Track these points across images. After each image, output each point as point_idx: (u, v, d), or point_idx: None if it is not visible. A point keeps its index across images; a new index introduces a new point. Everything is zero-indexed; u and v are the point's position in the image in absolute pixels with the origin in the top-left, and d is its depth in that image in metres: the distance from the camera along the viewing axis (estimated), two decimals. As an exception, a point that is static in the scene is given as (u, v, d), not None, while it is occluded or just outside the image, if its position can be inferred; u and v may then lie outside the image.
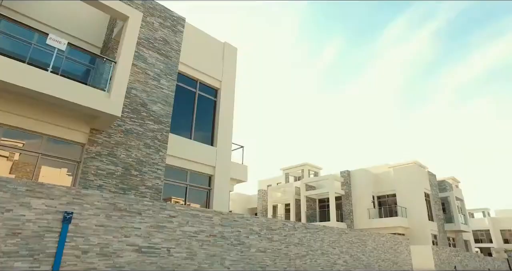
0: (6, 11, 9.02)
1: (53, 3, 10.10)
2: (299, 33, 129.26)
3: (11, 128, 7.77)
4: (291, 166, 39.49)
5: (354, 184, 31.43)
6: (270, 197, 36.13)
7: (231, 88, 13.59)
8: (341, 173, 32.52)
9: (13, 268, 5.08)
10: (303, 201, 32.24)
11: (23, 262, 5.20)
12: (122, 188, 8.79)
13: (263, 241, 9.15)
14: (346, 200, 31.17)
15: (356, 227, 29.48)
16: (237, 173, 13.25)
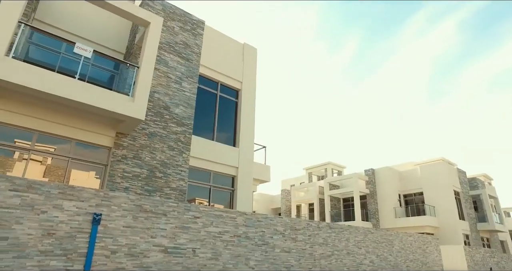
0: (38, 24, 9.45)
1: (78, 13, 10.46)
2: (318, 30, 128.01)
3: (44, 134, 8.13)
4: (314, 165, 39.18)
5: (379, 182, 30.81)
6: (294, 197, 35.98)
7: (251, 89, 13.65)
8: (365, 171, 31.97)
9: (49, 266, 5.33)
10: (327, 200, 31.93)
11: (58, 261, 5.44)
12: (148, 189, 9.01)
13: (288, 241, 9.14)
14: (371, 199, 30.60)
15: (382, 226, 28.90)
16: (260, 173, 13.30)
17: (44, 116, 8.03)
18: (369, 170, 31.70)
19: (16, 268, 5.07)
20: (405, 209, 29.26)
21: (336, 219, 31.08)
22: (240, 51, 13.89)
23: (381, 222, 29.38)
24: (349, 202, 32.00)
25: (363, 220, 29.30)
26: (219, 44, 13.10)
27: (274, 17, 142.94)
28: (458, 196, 28.53)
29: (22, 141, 7.87)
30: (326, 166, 37.97)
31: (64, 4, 10.26)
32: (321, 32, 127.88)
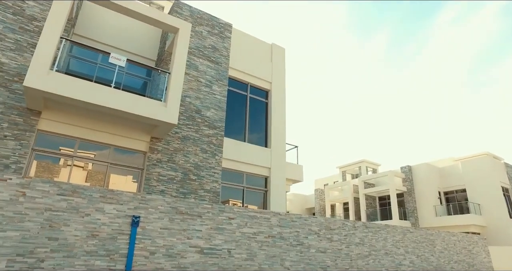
0: (77, 38, 9.98)
1: (112, 24, 10.93)
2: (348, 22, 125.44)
3: (85, 141, 8.58)
4: (347, 164, 38.46)
5: (417, 179, 29.69)
6: (328, 196, 35.50)
7: (281, 89, 13.64)
8: (402, 168, 30.92)
9: (94, 266, 5.62)
10: (362, 199, 31.22)
11: (102, 261, 5.72)
12: (183, 192, 9.24)
13: (323, 241, 9.03)
14: (409, 196, 29.55)
15: (422, 225, 27.81)
16: (293, 173, 13.25)
17: (85, 124, 8.47)
18: (406, 167, 30.64)
19: (66, 267, 5.39)
20: (446, 207, 28.01)
21: (372, 218, 30.31)
22: (268, 52, 13.92)
23: (420, 220, 28.29)
24: (385, 200, 31.10)
25: (400, 219, 28.36)
26: (247, 46, 13.20)
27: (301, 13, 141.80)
28: (507, 193, 26.85)
29: (66, 148, 8.36)
30: (360, 164, 37.15)
31: (99, 17, 10.76)
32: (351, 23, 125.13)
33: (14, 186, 5.46)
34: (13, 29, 8.16)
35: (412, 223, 28.38)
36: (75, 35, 10.04)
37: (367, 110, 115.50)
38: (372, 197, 32.03)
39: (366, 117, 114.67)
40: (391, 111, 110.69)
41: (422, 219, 28.23)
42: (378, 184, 31.77)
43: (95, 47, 9.09)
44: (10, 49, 8.00)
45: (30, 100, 7.47)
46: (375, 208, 31.56)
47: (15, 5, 8.35)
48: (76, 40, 9.07)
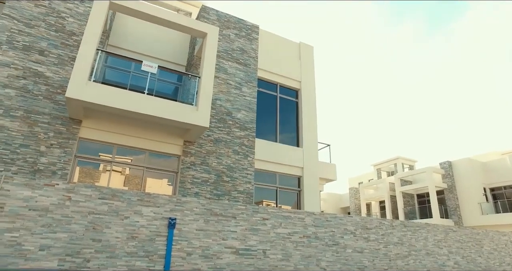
0: (111, 49, 10.45)
1: (143, 33, 11.32)
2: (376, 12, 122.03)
3: (122, 147, 8.95)
4: (382, 161, 37.38)
5: (458, 175, 28.27)
6: (363, 195, 34.69)
7: (311, 87, 13.52)
8: (441, 164, 29.58)
9: (135, 266, 5.86)
10: (399, 197, 30.21)
11: (142, 261, 5.95)
12: (216, 194, 9.40)
13: (359, 241, 8.85)
14: (450, 193, 28.20)
15: (466, 224, 26.45)
16: (326, 172, 13.10)
17: (122, 131, 8.84)
18: (445, 163, 29.28)
19: (109, 267, 5.67)
20: (493, 204, 26.45)
21: (410, 217, 29.25)
22: (297, 51, 13.84)
23: (464, 219, 26.93)
24: (424, 198, 29.90)
25: (442, 217, 27.13)
26: (274, 46, 13.20)
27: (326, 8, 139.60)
28: None
29: (105, 154, 8.78)
30: (396, 161, 35.98)
31: (131, 27, 11.18)
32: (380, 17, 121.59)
33: (61, 190, 5.81)
34: (56, 45, 8.69)
35: (455, 222, 27.08)
36: (110, 46, 10.50)
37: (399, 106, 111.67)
38: (410, 195, 30.90)
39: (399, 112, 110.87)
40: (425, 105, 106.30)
41: (466, 218, 26.86)
42: (415, 181, 30.61)
43: (128, 56, 9.48)
44: (54, 63, 8.52)
45: (72, 110, 7.91)
46: (413, 206, 30.42)
47: (57, 23, 8.89)
48: (110, 51, 9.50)
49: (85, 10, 9.36)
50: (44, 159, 7.70)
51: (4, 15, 8.33)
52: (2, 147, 7.42)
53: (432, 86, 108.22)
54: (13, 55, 8.16)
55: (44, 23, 8.76)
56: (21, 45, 8.32)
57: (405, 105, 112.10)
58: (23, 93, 7.99)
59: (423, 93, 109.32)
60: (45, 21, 8.79)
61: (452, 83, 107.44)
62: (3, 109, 7.68)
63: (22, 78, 8.09)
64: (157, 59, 11.21)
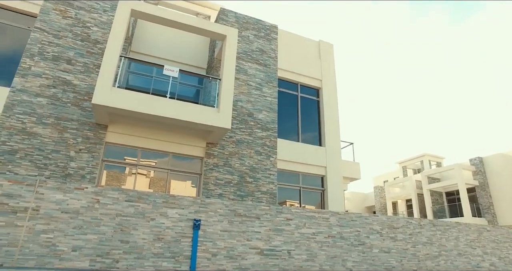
0: (134, 55, 10.73)
1: (163, 38, 11.56)
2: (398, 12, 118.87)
3: (146, 150, 9.18)
4: (408, 158, 36.38)
5: (491, 172, 27.11)
6: (388, 193, 33.90)
7: (332, 85, 13.37)
8: (471, 160, 28.48)
9: (162, 267, 6.00)
10: (426, 195, 29.32)
11: (168, 262, 6.09)
12: (240, 194, 9.46)
13: (386, 241, 8.68)
14: (482, 191, 27.10)
15: (501, 223, 25.32)
16: (349, 171, 12.91)
17: (146, 134, 9.07)
18: (476, 159, 28.16)
19: (138, 267, 5.83)
20: (530, 201, 25.21)
21: (439, 216, 28.33)
22: (316, 49, 13.72)
23: (499, 218, 25.78)
24: (453, 196, 28.87)
25: (474, 216, 26.11)
26: (294, 45, 13.15)
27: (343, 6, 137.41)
28: None
29: (130, 157, 9.03)
30: (422, 158, 34.93)
31: (152, 33, 11.44)
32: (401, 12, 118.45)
33: (90, 194, 6.03)
34: (82, 54, 9.04)
35: (489, 221, 25.99)
36: (132, 52, 10.79)
37: (424, 102, 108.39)
38: (438, 193, 29.93)
39: (423, 108, 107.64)
40: (450, 100, 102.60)
41: (501, 216, 25.70)
42: (444, 179, 29.63)
43: (150, 61, 9.74)
44: (80, 71, 8.86)
45: (98, 116, 8.19)
46: (442, 204, 29.45)
47: (83, 33, 9.24)
48: (133, 57, 9.76)
49: (108, 19, 9.66)
50: (74, 164, 8.01)
51: (36, 29, 8.78)
52: (36, 152, 7.77)
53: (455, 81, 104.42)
54: (44, 66, 8.55)
55: (71, 34, 9.12)
56: (50, 56, 8.70)
57: (426, 101, 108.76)
58: (53, 101, 8.35)
59: (446, 89, 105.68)
60: (71, 31, 9.14)
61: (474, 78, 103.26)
62: (36, 117, 8.06)
63: (52, 87, 8.46)
64: (178, 63, 11.41)
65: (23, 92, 8.18)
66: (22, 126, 7.90)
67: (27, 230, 5.49)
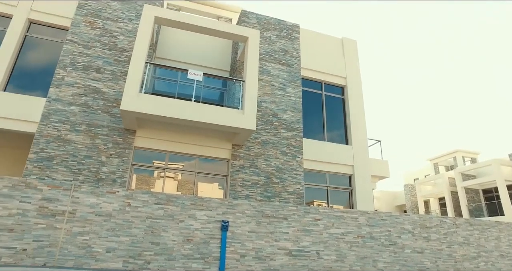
0: (158, 60, 11.01)
1: (187, 43, 11.77)
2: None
3: (173, 154, 9.38)
4: (439, 155, 35.02)
5: (532, 167, 25.63)
6: (419, 191, 32.77)
7: (357, 83, 13.12)
8: (510, 156, 27.03)
9: (191, 268, 6.12)
10: (461, 193, 28.09)
11: (198, 263, 6.19)
12: (267, 195, 9.47)
13: (419, 241, 8.42)
14: (524, 188, 25.64)
15: (545, 220, 23.91)
16: (378, 169, 12.62)
17: (172, 138, 9.27)
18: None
19: (168, 268, 5.98)
20: None
21: (476, 214, 27.08)
22: (339, 47, 13.52)
23: (544, 215, 24.34)
24: (491, 193, 27.51)
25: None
26: (317, 44, 13.02)
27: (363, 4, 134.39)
28: None
29: (158, 161, 9.25)
30: (455, 154, 33.51)
31: (175, 38, 11.69)
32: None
33: (121, 197, 6.24)
34: (110, 62, 9.39)
35: (531, 218, 24.60)
36: (157, 58, 11.06)
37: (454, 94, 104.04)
38: (474, 190, 28.63)
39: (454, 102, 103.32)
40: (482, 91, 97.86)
41: (545, 214, 24.27)
42: (480, 175, 28.30)
43: (174, 66, 9.96)
44: (109, 79, 9.20)
45: (126, 122, 8.46)
46: (479, 202, 28.15)
47: (110, 42, 9.61)
48: (158, 63, 10.03)
49: (134, 27, 9.96)
50: (105, 168, 8.31)
51: (67, 41, 9.24)
52: (71, 158, 8.13)
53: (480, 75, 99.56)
54: (76, 75, 8.95)
55: (99, 43, 9.49)
56: (81, 66, 9.09)
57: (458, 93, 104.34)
58: (85, 108, 8.71)
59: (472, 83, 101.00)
60: (100, 41, 9.51)
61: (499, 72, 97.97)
62: (70, 124, 8.44)
63: (83, 95, 8.83)
64: (201, 66, 11.58)
65: (58, 102, 8.59)
66: (58, 134, 8.29)
67: (65, 232, 5.76)
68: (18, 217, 5.68)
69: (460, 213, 28.26)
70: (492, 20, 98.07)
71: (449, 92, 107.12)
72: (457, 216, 28.27)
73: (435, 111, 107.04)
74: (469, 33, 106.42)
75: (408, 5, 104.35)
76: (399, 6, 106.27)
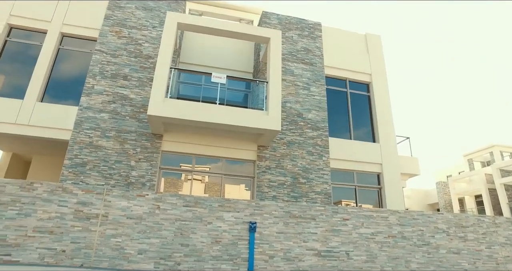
0: (182, 65, 11.25)
1: (209, 47, 11.94)
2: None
3: (200, 157, 9.54)
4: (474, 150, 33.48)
5: None
6: (453, 189, 31.45)
7: (383, 79, 12.81)
8: (553, 149, 25.48)
9: (220, 269, 6.19)
10: (500, 190, 26.73)
11: (227, 265, 6.25)
12: (294, 196, 9.42)
13: (455, 241, 8.09)
14: None
15: None
16: (407, 166, 12.25)
17: (199, 141, 9.43)
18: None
19: (198, 269, 6.08)
20: None
21: (519, 212, 25.69)
22: (363, 43, 13.26)
23: None
24: (534, 190, 26.03)
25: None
26: (339, 41, 12.84)
27: None
28: None
29: (185, 164, 9.44)
30: (491, 148, 31.92)
31: (198, 43, 11.88)
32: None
33: (151, 200, 6.42)
34: (136, 69, 9.69)
35: None
36: (181, 63, 11.30)
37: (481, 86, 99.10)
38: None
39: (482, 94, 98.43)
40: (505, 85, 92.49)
41: None
42: (521, 171, 26.85)
43: (198, 70, 10.15)
44: (135, 86, 9.50)
45: (153, 126, 8.69)
46: (520, 199, 26.70)
47: (136, 49, 9.93)
48: (182, 68, 10.25)
49: (158, 34, 10.23)
50: (135, 172, 8.57)
51: (96, 51, 9.62)
52: (102, 164, 8.46)
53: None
54: (104, 84, 9.30)
55: (126, 52, 9.82)
56: (109, 74, 9.45)
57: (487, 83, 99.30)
58: (114, 115, 9.03)
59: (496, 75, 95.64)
60: (126, 49, 9.85)
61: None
62: (100, 131, 8.77)
63: (112, 102, 9.16)
64: (225, 69, 11.71)
65: (89, 109, 8.95)
66: (90, 141, 8.64)
67: (99, 234, 5.99)
68: (56, 220, 5.98)
69: (500, 212, 26.91)
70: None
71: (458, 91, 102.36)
72: (497, 214, 26.92)
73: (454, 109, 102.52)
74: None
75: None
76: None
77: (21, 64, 9.65)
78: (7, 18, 9.68)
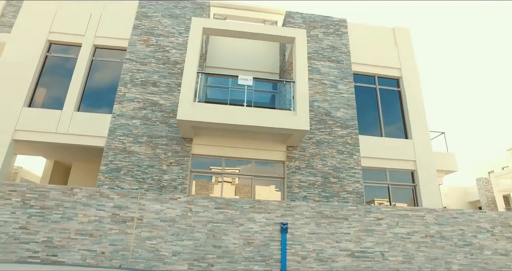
0: (209, 69, 11.44)
1: (234, 49, 12.06)
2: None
3: (229, 159, 9.64)
4: (520, 143, 31.50)
5: None
6: (496, 186, 29.71)
7: (414, 72, 12.36)
8: None
9: (253, 270, 6.22)
10: (552, 185, 24.98)
11: (259, 266, 6.27)
12: (325, 196, 9.30)
13: (501, 241, 7.64)
14: None
15: None
16: (444, 163, 11.73)
17: (228, 144, 9.54)
18: None
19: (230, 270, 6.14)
20: None
21: None
22: (391, 37, 12.86)
23: None
24: None
25: None
26: (366, 37, 12.53)
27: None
28: None
29: (215, 167, 9.58)
30: (539, 141, 29.90)
31: (223, 46, 12.04)
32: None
33: (183, 203, 6.56)
34: (165, 76, 9.97)
35: None
36: (208, 67, 11.48)
37: None
38: None
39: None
40: None
41: None
42: None
43: (225, 73, 10.28)
44: (164, 92, 9.76)
45: (183, 131, 8.89)
46: None
47: (163, 56, 10.21)
48: (209, 72, 10.42)
49: (184, 40, 10.46)
50: (166, 176, 8.80)
51: (126, 60, 10.00)
52: (136, 168, 8.75)
53: None
54: (135, 91, 9.63)
55: (154, 59, 10.12)
56: (139, 81, 9.77)
57: None
58: (145, 121, 9.33)
59: None
60: (154, 57, 10.15)
61: None
62: (133, 137, 9.09)
63: (143, 108, 9.47)
64: (251, 71, 11.77)
65: (121, 117, 9.30)
66: (123, 146, 8.97)
67: (135, 237, 6.20)
68: (95, 223, 6.25)
69: (550, 208, 25.17)
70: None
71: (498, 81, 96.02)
72: (545, 210, 25.21)
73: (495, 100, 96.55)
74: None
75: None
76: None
77: (59, 76, 10.19)
78: (47, 35, 10.26)
